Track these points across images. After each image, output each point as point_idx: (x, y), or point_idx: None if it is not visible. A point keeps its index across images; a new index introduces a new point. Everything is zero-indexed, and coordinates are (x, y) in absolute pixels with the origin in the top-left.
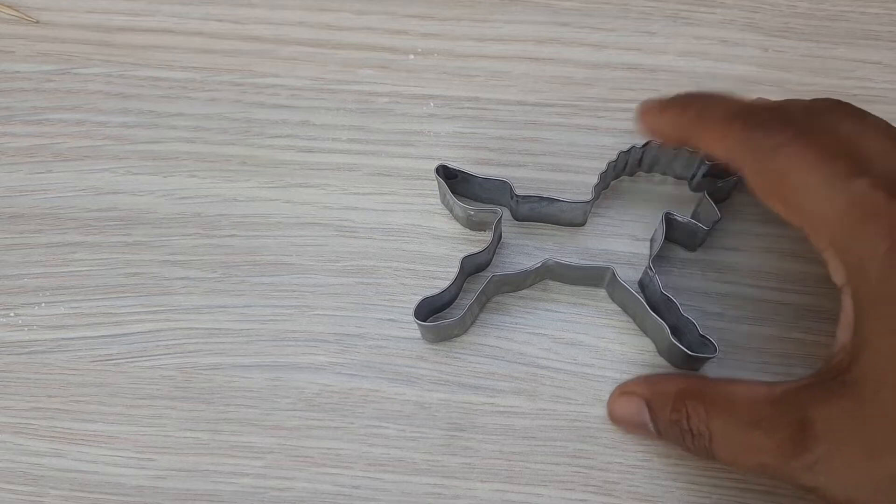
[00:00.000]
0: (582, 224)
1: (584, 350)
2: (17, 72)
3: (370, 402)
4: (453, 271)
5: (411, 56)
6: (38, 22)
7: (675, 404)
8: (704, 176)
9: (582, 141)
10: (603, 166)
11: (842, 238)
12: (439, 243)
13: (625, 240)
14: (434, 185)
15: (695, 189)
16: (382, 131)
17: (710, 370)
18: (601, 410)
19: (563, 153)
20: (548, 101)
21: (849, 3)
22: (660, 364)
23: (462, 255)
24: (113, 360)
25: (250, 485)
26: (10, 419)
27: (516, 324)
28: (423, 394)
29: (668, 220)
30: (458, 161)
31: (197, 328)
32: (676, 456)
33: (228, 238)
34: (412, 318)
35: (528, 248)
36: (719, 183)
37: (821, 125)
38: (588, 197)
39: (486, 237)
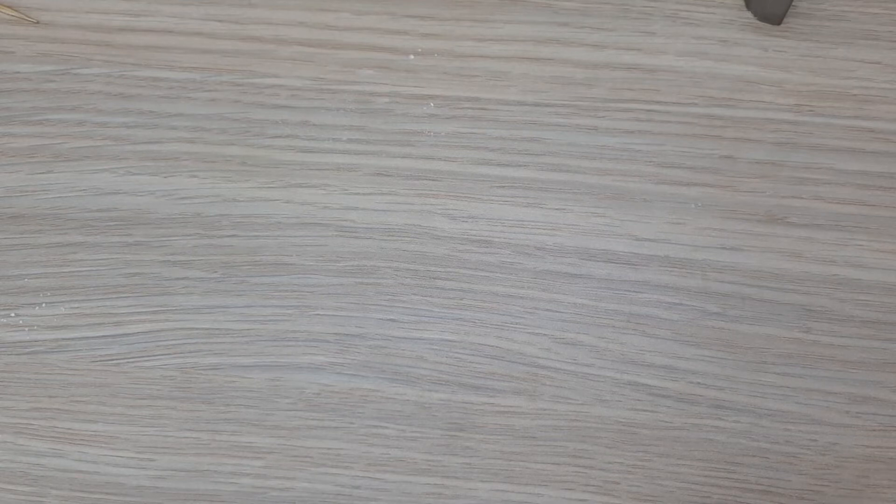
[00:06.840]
0: None
1: (584, 350)
2: (17, 72)
3: (370, 402)
4: (454, 271)
5: (411, 56)
6: (38, 22)
7: None
8: None
9: (582, 141)
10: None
11: None
12: (439, 243)
13: (625, 240)
14: (434, 184)
15: None
16: (382, 131)
17: (710, 369)
18: (601, 410)
19: (563, 153)
20: (548, 101)
21: (849, 3)
22: (658, 363)
23: (462, 255)
24: (113, 360)
25: (250, 485)
26: (10, 419)
27: (516, 324)
28: (423, 394)
29: None
30: (458, 161)
31: (197, 328)
32: (676, 456)
33: (228, 238)
34: (412, 317)
35: None
36: None
37: None
38: None
39: None
